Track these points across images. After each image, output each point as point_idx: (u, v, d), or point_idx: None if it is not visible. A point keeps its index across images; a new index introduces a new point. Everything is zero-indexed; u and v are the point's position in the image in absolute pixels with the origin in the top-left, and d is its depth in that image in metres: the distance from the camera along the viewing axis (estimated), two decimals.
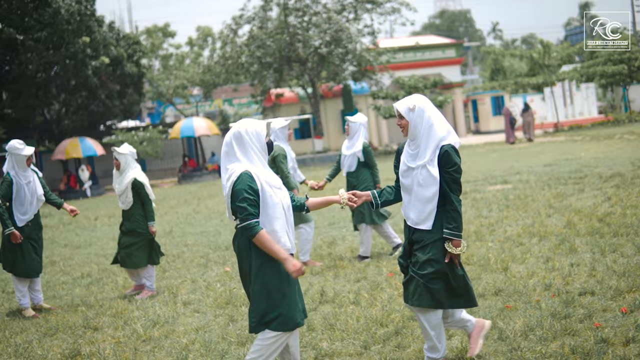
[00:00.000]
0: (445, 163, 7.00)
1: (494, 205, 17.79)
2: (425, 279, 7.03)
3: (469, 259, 11.76)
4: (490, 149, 40.34)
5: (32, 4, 39.82)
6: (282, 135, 13.40)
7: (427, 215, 7.07)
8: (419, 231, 7.16)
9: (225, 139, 6.81)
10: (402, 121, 7.15)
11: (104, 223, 25.38)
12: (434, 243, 7.07)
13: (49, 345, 9.76)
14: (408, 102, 7.11)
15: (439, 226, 7.07)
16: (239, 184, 6.48)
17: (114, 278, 14.24)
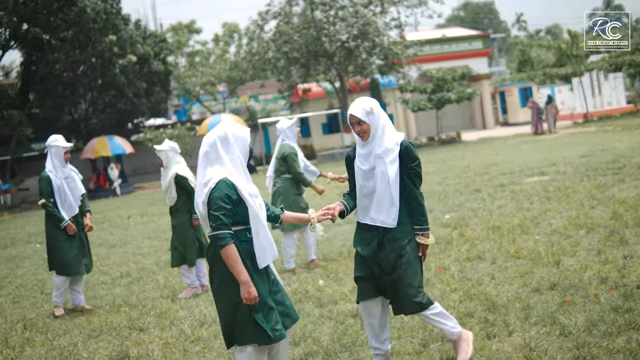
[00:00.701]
0: (408, 158, 7.03)
1: (534, 197, 17.44)
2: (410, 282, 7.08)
3: (519, 253, 11.49)
4: (521, 141, 39.91)
5: (58, 3, 39.70)
6: (291, 134, 13.19)
7: (395, 213, 7.04)
8: (390, 231, 7.10)
9: (207, 139, 6.54)
10: (363, 126, 7.04)
11: (137, 222, 25.26)
12: (409, 243, 7.11)
13: (95, 348, 9.59)
14: (364, 106, 7.03)
15: (407, 223, 7.12)
16: (216, 192, 6.24)
17: (154, 277, 14.05)
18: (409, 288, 7.04)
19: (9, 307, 13.14)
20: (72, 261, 11.82)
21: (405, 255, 7.07)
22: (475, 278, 10.36)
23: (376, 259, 7.16)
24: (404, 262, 7.05)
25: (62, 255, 11.79)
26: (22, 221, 31.81)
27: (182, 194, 12.18)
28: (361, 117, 6.99)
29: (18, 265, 18.49)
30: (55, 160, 11.85)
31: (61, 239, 11.78)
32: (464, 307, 8.98)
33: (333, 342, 8.35)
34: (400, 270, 7.04)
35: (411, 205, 7.10)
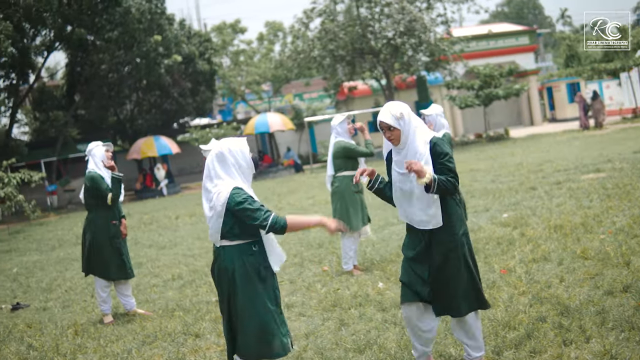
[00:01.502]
0: (437, 154, 6.92)
1: (593, 195, 16.93)
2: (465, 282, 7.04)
3: (585, 253, 11.05)
4: (571, 137, 39.34)
5: (102, 4, 39.59)
6: (342, 131, 12.88)
7: (435, 215, 6.94)
8: (436, 232, 7.02)
9: (207, 161, 6.79)
10: (393, 132, 6.93)
11: (186, 222, 25.04)
12: (457, 244, 7.00)
13: (149, 355, 9.29)
14: (393, 111, 6.89)
15: (453, 223, 7.01)
16: (238, 196, 6.48)
17: (207, 280, 13.73)
18: (457, 289, 6.98)
19: (59, 311, 12.91)
20: (115, 265, 11.62)
21: (453, 256, 6.98)
22: (543, 280, 9.96)
23: (424, 261, 7.07)
24: (452, 263, 6.98)
25: (104, 259, 11.55)
26: (69, 222, 31.71)
27: None
28: (391, 122, 6.88)
29: (67, 267, 18.29)
30: (98, 162, 11.55)
31: (105, 243, 11.51)
32: (535, 311, 8.59)
33: (401, 350, 7.99)
34: (448, 271, 6.98)
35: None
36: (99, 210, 11.54)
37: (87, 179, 11.54)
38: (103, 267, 11.52)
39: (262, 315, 6.59)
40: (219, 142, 6.83)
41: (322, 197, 25.99)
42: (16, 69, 40.87)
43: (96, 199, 11.49)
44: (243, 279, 6.54)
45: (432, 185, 6.72)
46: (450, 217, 6.98)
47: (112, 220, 11.60)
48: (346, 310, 10.06)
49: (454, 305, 7.01)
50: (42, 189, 42.85)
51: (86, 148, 11.77)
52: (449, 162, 6.87)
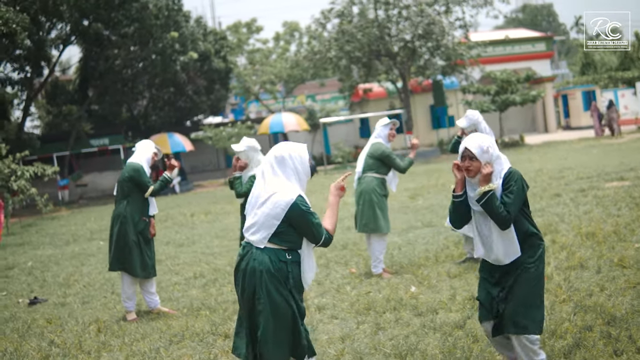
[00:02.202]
0: (505, 186, 6.68)
1: (621, 203, 16.73)
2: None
3: (623, 262, 10.81)
4: (587, 145, 39.16)
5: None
6: (383, 135, 12.67)
7: (514, 249, 6.73)
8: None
9: (265, 162, 6.62)
10: (474, 163, 6.62)
11: (202, 220, 24.82)
12: (531, 266, 6.79)
13: (178, 355, 9.04)
14: (482, 143, 6.59)
15: (529, 247, 6.81)
16: (303, 206, 6.40)
17: (230, 279, 13.40)
18: (517, 306, 6.71)
19: (79, 307, 12.66)
20: (142, 262, 11.41)
21: (523, 277, 6.76)
22: (583, 288, 9.72)
23: (498, 283, 6.88)
24: (521, 282, 6.75)
25: (134, 255, 11.31)
26: (82, 217, 31.53)
27: None
28: (476, 153, 6.59)
29: (83, 262, 18.06)
30: (143, 159, 11.48)
31: (134, 238, 11.30)
32: (580, 320, 8.36)
33: (445, 357, 7.71)
34: (516, 289, 6.75)
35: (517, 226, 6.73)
36: (131, 204, 11.34)
37: (129, 168, 11.39)
38: (130, 262, 11.26)
39: (286, 318, 6.41)
40: (279, 145, 6.63)
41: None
42: (31, 62, 40.73)
43: (133, 190, 11.34)
44: (272, 281, 6.33)
45: (487, 197, 6.52)
46: (530, 242, 6.80)
47: (143, 216, 11.38)
48: (381, 314, 9.81)
49: (512, 320, 6.74)
50: (54, 183, 42.66)
51: (99, 142, 11.66)
52: (508, 196, 6.58)
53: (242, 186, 11.05)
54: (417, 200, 22.72)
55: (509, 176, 6.63)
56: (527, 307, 6.69)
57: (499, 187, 6.62)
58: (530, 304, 6.71)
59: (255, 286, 6.34)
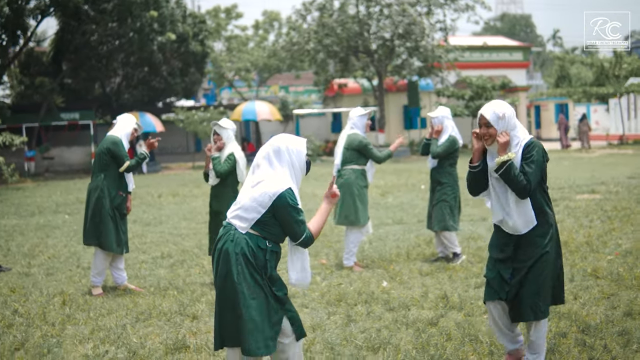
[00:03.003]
0: (525, 156, 6.71)
1: (592, 215, 16.90)
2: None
3: (597, 272, 10.84)
4: (558, 157, 39.33)
5: None
6: (360, 125, 12.61)
7: (530, 218, 6.76)
8: (526, 234, 6.79)
9: (261, 151, 6.42)
10: (490, 130, 6.63)
11: (169, 201, 24.72)
12: (547, 247, 6.81)
13: (145, 332, 8.89)
14: (497, 109, 6.60)
15: (543, 224, 6.79)
16: (290, 199, 6.15)
17: (199, 261, 13.37)
18: (535, 294, 6.77)
19: (43, 279, 12.49)
20: (117, 238, 11.22)
21: (541, 260, 6.76)
22: None
23: (509, 262, 6.87)
24: (539, 267, 6.76)
25: (110, 230, 11.12)
26: (47, 190, 31.25)
27: (231, 176, 11.48)
28: (490, 119, 6.61)
29: (48, 234, 17.86)
30: (123, 133, 11.39)
31: (109, 212, 11.14)
32: (554, 326, 8.33)
33: (418, 353, 7.64)
34: (533, 274, 6.75)
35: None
36: (108, 177, 11.22)
37: (108, 141, 11.26)
38: (106, 238, 11.11)
39: (249, 306, 6.18)
40: (279, 136, 6.50)
41: (307, 190, 25.62)
42: (7, 31, 40.26)
43: (110, 163, 11.22)
44: (247, 266, 6.14)
45: (505, 167, 6.50)
46: (541, 220, 6.76)
47: (120, 190, 11.24)
48: (352, 306, 9.73)
49: (532, 307, 6.77)
50: (21, 154, 42.21)
51: (71, 117, 11.50)
52: (529, 165, 6.58)
53: (221, 165, 11.01)
54: (387, 198, 22.68)
55: (529, 146, 6.65)
56: (544, 292, 6.77)
57: (518, 156, 6.63)
58: (546, 288, 6.79)
59: (228, 269, 6.17)
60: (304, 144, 6.42)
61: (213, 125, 11.59)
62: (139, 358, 7.92)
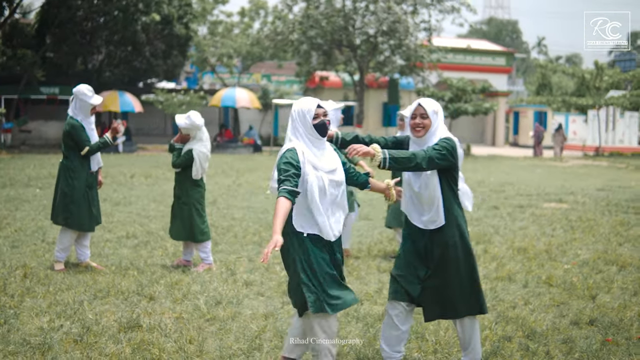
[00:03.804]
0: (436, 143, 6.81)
1: (556, 224, 17.04)
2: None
3: (551, 280, 11.00)
4: (532, 164, 39.72)
5: None
6: (333, 119, 12.67)
7: (439, 213, 6.83)
8: (437, 231, 6.89)
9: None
10: (425, 121, 6.83)
11: (141, 182, 24.76)
12: (458, 242, 6.91)
13: (101, 310, 9.01)
14: (434, 104, 6.85)
15: (453, 222, 6.89)
16: (283, 158, 6.43)
17: (162, 244, 13.48)
18: (455, 290, 6.90)
19: (8, 250, 12.55)
20: (89, 217, 11.29)
21: (453, 257, 6.89)
22: (508, 300, 9.87)
23: (422, 261, 6.98)
24: (452, 264, 6.89)
25: (80, 210, 11.18)
26: (22, 163, 31.25)
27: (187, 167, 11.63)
28: (428, 111, 6.80)
29: (17, 207, 17.89)
30: (81, 112, 11.24)
31: (80, 192, 11.17)
32: (500, 330, 8.48)
33: (364, 347, 7.80)
34: (448, 272, 6.88)
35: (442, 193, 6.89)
36: (77, 157, 11.20)
37: (68, 124, 11.20)
38: (76, 217, 11.17)
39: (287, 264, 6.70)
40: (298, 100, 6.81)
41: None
42: None
43: (74, 146, 11.18)
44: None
45: (384, 163, 6.57)
46: (452, 218, 6.86)
47: (90, 169, 11.28)
48: None
49: (450, 307, 6.91)
50: None
51: (49, 90, 11.44)
52: (434, 148, 6.69)
53: (178, 158, 11.19)
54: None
55: (443, 139, 6.76)
56: (458, 290, 6.88)
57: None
58: (467, 289, 6.91)
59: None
60: (309, 105, 6.62)
61: (179, 120, 11.66)
62: (92, 334, 8.02)
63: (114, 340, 7.88)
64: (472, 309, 6.94)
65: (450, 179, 6.89)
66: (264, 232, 15.01)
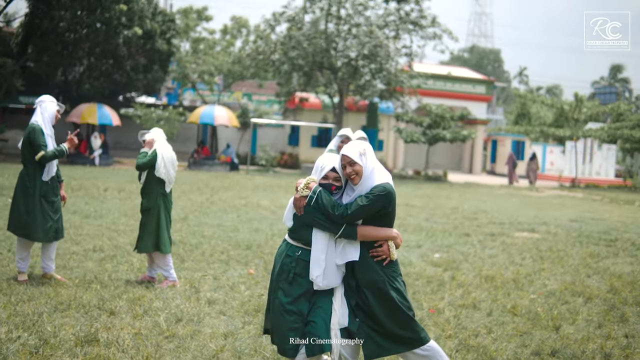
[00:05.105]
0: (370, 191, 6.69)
1: (526, 253, 17.03)
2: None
3: (515, 309, 10.98)
4: (508, 193, 39.73)
5: None
6: (335, 144, 12.69)
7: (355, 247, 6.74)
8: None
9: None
10: (356, 167, 6.68)
11: (114, 196, 24.60)
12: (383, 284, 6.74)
13: (60, 323, 8.94)
14: (358, 148, 6.74)
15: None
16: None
17: (129, 258, 13.41)
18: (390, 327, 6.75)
19: None
20: (42, 227, 11.16)
21: (379, 288, 6.74)
22: (471, 328, 9.83)
23: (354, 290, 6.85)
24: (379, 294, 6.75)
25: (32, 219, 11.10)
26: None
27: (152, 174, 11.59)
28: (354, 158, 6.67)
29: None
30: (46, 116, 11.24)
31: (34, 201, 11.10)
32: (461, 358, 8.45)
33: None
34: (379, 309, 6.75)
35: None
36: (34, 166, 11.13)
37: (28, 129, 11.19)
38: (31, 227, 11.09)
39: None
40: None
41: (254, 199, 25.75)
42: None
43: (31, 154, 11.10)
44: None
45: (312, 197, 6.62)
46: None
47: (46, 179, 11.19)
48: None
49: (393, 338, 6.76)
50: None
51: (28, 100, 11.38)
52: (361, 199, 6.61)
53: (140, 159, 11.23)
54: None
55: (377, 187, 6.65)
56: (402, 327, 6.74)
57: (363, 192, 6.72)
58: (404, 323, 6.75)
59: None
60: (327, 164, 6.83)
61: (140, 137, 11.70)
62: (48, 347, 7.97)
63: (70, 354, 7.83)
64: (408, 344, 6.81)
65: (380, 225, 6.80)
66: (232, 251, 14.95)
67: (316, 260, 6.59)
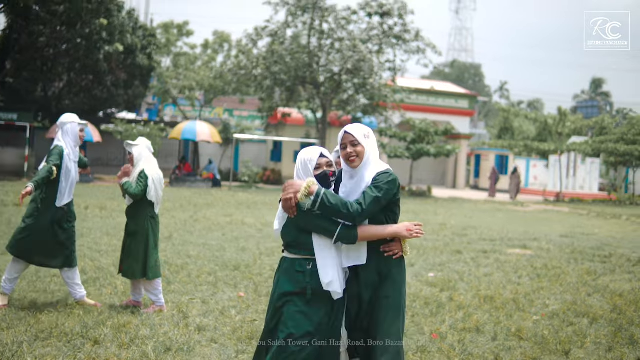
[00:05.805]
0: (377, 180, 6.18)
1: (522, 271, 16.61)
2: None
3: (521, 333, 10.51)
4: (493, 207, 39.54)
5: None
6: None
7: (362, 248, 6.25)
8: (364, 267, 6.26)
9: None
10: (357, 148, 6.19)
11: (95, 214, 24.05)
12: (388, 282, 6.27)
13: (42, 353, 8.37)
14: (362, 129, 6.28)
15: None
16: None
17: (112, 281, 12.82)
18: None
19: None
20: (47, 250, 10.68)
21: (384, 296, 6.21)
22: (477, 354, 9.34)
23: (353, 299, 6.29)
24: (384, 304, 6.21)
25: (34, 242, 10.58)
26: None
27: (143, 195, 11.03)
28: (359, 138, 6.21)
29: None
30: (70, 139, 10.84)
31: (51, 227, 10.65)
32: None
33: None
34: (379, 314, 6.20)
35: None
36: (48, 189, 10.67)
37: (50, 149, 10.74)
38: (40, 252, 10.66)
39: None
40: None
41: (239, 217, 25.27)
42: None
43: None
44: None
45: (316, 201, 6.00)
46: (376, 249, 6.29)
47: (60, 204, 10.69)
48: None
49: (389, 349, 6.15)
50: None
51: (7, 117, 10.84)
52: (371, 190, 6.06)
53: (133, 188, 10.59)
54: None
55: (382, 174, 6.17)
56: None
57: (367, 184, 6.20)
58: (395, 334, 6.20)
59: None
60: (313, 154, 6.35)
61: (126, 146, 11.17)
62: None
63: None
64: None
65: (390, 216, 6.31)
66: (220, 272, 14.40)
67: (323, 265, 6.02)
